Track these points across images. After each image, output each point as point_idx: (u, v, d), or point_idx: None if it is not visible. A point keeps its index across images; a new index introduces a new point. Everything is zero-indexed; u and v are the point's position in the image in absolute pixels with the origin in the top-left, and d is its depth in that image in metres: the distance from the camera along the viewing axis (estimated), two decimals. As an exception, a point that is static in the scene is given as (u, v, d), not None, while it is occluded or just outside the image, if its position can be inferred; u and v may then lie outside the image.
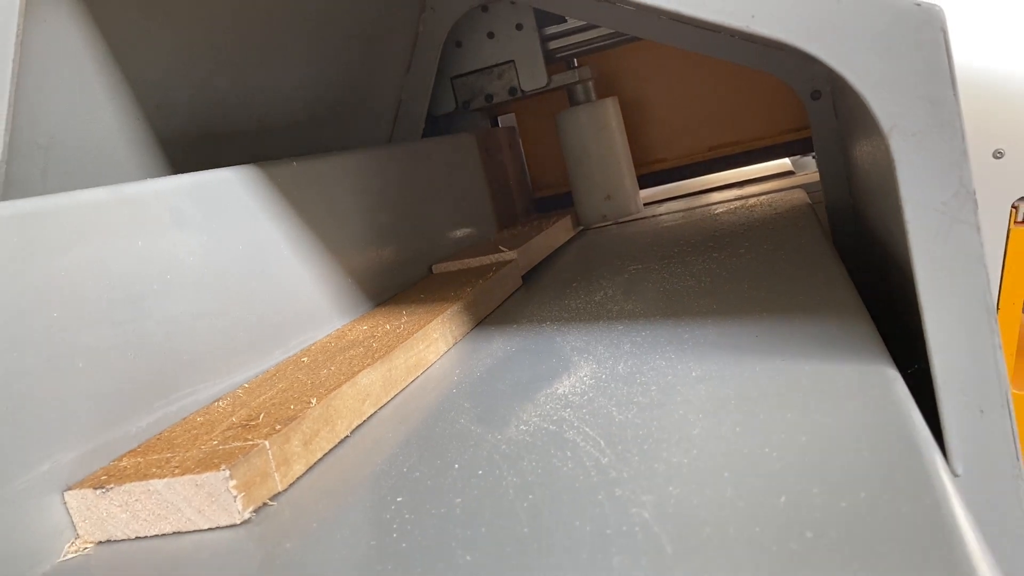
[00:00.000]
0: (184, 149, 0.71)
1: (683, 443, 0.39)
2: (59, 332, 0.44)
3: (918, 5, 0.38)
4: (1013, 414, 0.41)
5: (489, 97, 1.17)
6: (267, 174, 0.65)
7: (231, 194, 0.61)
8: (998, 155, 0.93)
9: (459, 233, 1.02)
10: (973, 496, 0.42)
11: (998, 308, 0.98)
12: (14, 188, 0.54)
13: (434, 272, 0.92)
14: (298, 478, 0.45)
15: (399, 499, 0.40)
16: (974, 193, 0.40)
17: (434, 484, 0.41)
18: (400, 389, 0.58)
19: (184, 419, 0.51)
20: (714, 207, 1.15)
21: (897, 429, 0.36)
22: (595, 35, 1.15)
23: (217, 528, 0.41)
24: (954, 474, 0.42)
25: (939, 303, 0.41)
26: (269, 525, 0.40)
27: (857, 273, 0.70)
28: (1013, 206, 0.94)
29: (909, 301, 0.45)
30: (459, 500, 0.38)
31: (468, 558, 0.32)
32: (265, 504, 0.42)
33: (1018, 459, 0.41)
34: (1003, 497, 0.42)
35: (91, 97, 0.59)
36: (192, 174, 0.58)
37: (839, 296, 0.57)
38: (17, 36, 0.48)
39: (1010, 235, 0.94)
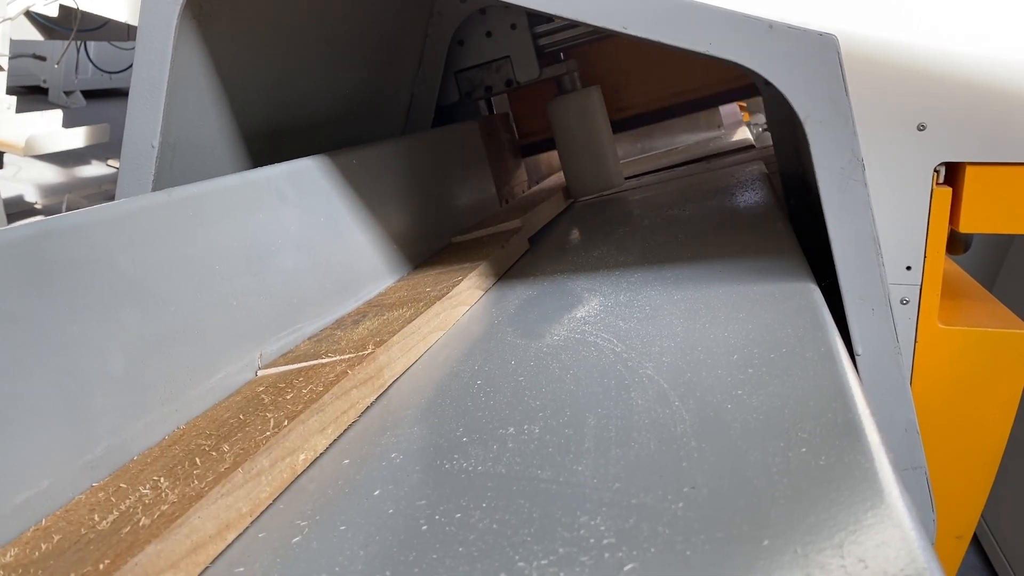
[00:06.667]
0: (258, 144, 0.87)
1: (670, 336, 0.57)
2: (220, 280, 0.62)
3: (821, 35, 0.56)
4: (893, 311, 0.61)
5: (489, 89, 1.34)
6: (334, 161, 0.82)
7: (313, 177, 0.78)
8: (921, 128, 1.13)
9: (470, 206, 1.20)
10: (868, 367, 0.61)
11: (924, 257, 1.18)
12: (155, 178, 0.71)
13: (453, 242, 1.09)
14: (400, 374, 0.63)
15: (479, 382, 0.58)
16: (862, 160, 0.59)
17: (500, 372, 0.59)
18: (453, 323, 0.76)
19: (312, 336, 0.68)
20: (686, 179, 1.34)
21: (812, 319, 0.54)
22: (580, 32, 1.33)
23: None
24: (856, 354, 0.62)
25: (840, 235, 0.60)
26: (387, 401, 0.58)
27: (804, 217, 0.89)
28: (935, 170, 1.14)
29: (826, 234, 0.64)
30: (521, 379, 0.56)
31: (536, 403, 0.50)
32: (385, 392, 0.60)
33: (897, 342, 0.61)
34: (888, 366, 0.61)
35: (202, 106, 0.75)
36: (287, 163, 0.75)
37: (780, 239, 0.75)
38: (170, 65, 0.65)
39: (933, 195, 1.14)
